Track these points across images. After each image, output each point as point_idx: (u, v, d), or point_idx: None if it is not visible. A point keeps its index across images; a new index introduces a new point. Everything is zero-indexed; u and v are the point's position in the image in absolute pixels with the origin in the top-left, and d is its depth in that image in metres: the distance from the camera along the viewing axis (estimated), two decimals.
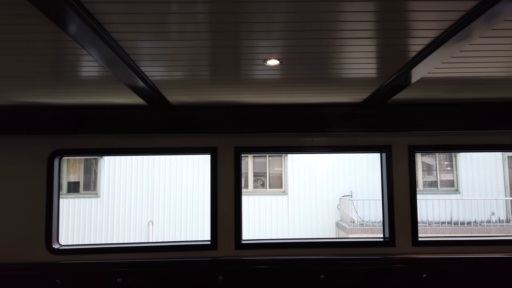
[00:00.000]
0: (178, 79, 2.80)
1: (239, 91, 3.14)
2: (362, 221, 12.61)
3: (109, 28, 1.83)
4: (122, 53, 2.12)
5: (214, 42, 2.08)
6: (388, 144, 3.88)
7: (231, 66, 2.51)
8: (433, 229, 12.05)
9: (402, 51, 2.22)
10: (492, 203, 12.84)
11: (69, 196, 13.56)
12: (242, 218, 3.88)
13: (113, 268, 3.66)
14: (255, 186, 14.17)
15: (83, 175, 13.94)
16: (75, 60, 2.38)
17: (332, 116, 3.63)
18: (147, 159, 13.54)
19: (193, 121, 3.64)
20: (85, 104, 3.52)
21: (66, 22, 1.66)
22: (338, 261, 3.75)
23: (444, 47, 2.01)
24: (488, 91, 3.23)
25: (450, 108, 3.62)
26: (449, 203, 12.58)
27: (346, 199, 13.29)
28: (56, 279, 3.60)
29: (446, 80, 2.86)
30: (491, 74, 2.71)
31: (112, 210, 13.42)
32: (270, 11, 1.71)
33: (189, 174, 13.55)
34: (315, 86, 3.01)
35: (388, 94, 3.11)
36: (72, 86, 2.95)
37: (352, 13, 1.74)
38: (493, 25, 1.77)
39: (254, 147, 3.94)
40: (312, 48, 2.17)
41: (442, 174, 13.87)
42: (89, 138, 3.81)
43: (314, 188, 13.73)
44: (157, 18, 1.76)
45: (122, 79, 2.58)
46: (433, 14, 1.74)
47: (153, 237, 13.23)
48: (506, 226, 12.34)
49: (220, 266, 3.70)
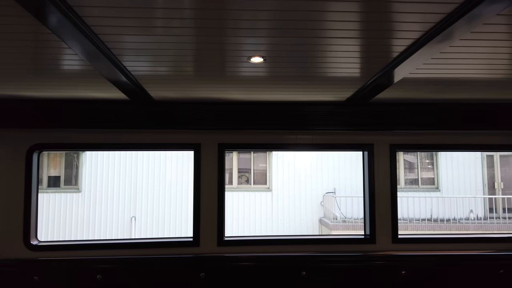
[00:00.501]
0: (162, 74, 2.77)
1: (224, 87, 3.13)
2: (344, 217, 12.75)
3: (89, 22, 1.80)
4: (103, 47, 2.08)
5: (199, 38, 2.07)
6: (370, 143, 3.93)
7: (215, 62, 2.49)
8: (414, 225, 12.28)
9: (385, 51, 2.25)
10: (471, 201, 13.16)
11: (50, 191, 13.31)
12: (226, 215, 3.88)
13: (93, 265, 3.61)
14: (239, 182, 14.17)
15: (64, 170, 13.69)
16: (56, 53, 2.33)
17: (316, 114, 3.65)
18: (130, 154, 13.38)
19: (177, 117, 3.61)
20: (66, 98, 3.45)
21: (45, 14, 1.62)
22: (319, 257, 3.78)
23: (425, 48, 2.04)
24: (468, 92, 3.30)
25: (431, 108, 3.69)
26: (430, 200, 12.84)
27: (330, 196, 13.42)
28: (34, 276, 3.53)
29: (427, 81, 2.91)
30: (470, 76, 2.77)
31: (94, 206, 13.23)
32: (255, 9, 1.70)
33: (173, 169, 13.46)
34: (299, 84, 3.02)
35: (371, 93, 3.15)
36: (52, 79, 2.89)
37: (337, 13, 1.75)
38: (472, 28, 1.81)
39: (238, 144, 3.93)
40: (296, 47, 2.17)
41: (423, 172, 14.13)
42: (69, 132, 3.74)
43: (298, 184, 13.82)
44: (140, 12, 1.73)
45: (104, 73, 2.54)
46: (415, 16, 1.77)
47: (135, 233, 13.11)
48: (484, 223, 12.65)
49: (202, 262, 3.69)
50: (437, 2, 1.63)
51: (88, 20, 1.78)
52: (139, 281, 3.64)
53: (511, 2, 1.55)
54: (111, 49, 2.17)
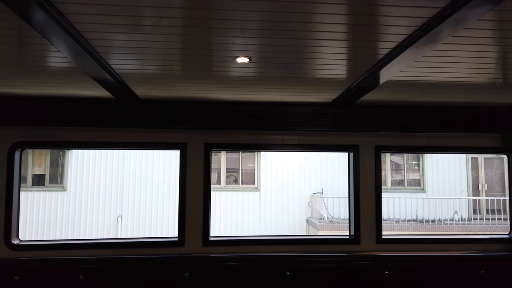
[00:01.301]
0: (146, 73, 2.75)
1: (211, 87, 3.12)
2: (331, 218, 12.82)
3: (72, 19, 1.78)
4: (86, 44, 2.06)
5: (186, 38, 2.06)
6: (356, 144, 3.96)
7: (202, 62, 2.49)
8: (400, 226, 12.40)
9: (371, 53, 2.27)
10: (455, 202, 13.36)
11: (34, 189, 13.09)
12: (212, 215, 3.87)
13: (76, 265, 3.57)
14: (227, 182, 14.14)
15: (49, 168, 13.48)
16: (38, 50, 2.29)
17: (302, 115, 3.67)
18: (117, 152, 13.23)
19: (163, 116, 3.58)
20: (49, 95, 3.40)
21: (25, 10, 1.59)
22: (304, 258, 3.80)
23: (409, 52, 2.07)
24: (452, 95, 3.35)
25: (416, 110, 3.73)
26: (415, 201, 12.99)
27: (317, 196, 13.48)
28: (15, 276, 3.47)
29: (411, 83, 2.95)
30: (453, 79, 2.81)
31: (80, 204, 13.05)
32: (243, 9, 1.71)
33: (160, 168, 13.36)
34: (286, 85, 3.03)
35: (356, 95, 3.17)
36: (35, 76, 2.85)
37: (324, 15, 1.76)
38: (454, 32, 1.84)
39: (224, 144, 3.93)
40: (282, 48, 2.18)
41: (409, 173, 14.29)
42: (53, 130, 3.69)
43: (286, 185, 13.85)
44: (124, 10, 1.71)
45: (88, 71, 2.51)
46: (399, 20, 1.79)
47: (122, 233, 12.97)
48: (468, 224, 12.86)
49: (186, 262, 3.67)
50: (420, 7, 1.65)
51: (70, 17, 1.75)
52: (122, 281, 3.60)
53: (490, 8, 1.59)
54: (95, 46, 2.14)
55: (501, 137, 4.13)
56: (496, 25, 1.87)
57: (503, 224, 12.28)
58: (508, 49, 2.22)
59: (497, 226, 12.42)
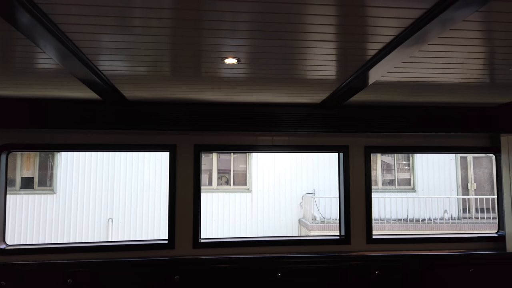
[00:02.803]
0: (134, 74, 2.72)
1: (200, 88, 3.10)
2: (323, 218, 12.86)
3: (56, 20, 1.75)
4: (72, 46, 2.03)
5: (174, 39, 2.05)
6: (346, 145, 3.98)
7: (191, 63, 2.47)
8: (390, 225, 12.49)
9: (359, 54, 2.28)
10: (445, 201, 13.49)
11: (22, 192, 12.91)
12: (203, 216, 3.86)
13: (65, 269, 3.52)
14: (219, 183, 14.10)
15: (37, 170, 13.30)
16: (23, 51, 2.25)
17: (292, 116, 3.66)
18: (107, 154, 13.11)
19: (151, 117, 3.55)
20: (36, 97, 3.35)
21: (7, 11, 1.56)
22: (295, 259, 3.80)
23: (396, 52, 2.08)
24: (441, 96, 3.38)
25: (405, 111, 3.76)
26: (406, 201, 13.09)
27: (309, 196, 13.51)
28: (2, 281, 3.41)
29: (399, 84, 2.96)
30: (441, 80, 2.83)
31: (70, 207, 12.90)
32: (232, 10, 1.70)
33: (151, 170, 13.27)
34: (275, 86, 3.02)
35: (345, 96, 3.18)
36: (21, 78, 2.80)
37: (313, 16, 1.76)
38: (440, 33, 1.85)
39: (214, 145, 3.91)
40: (271, 49, 2.18)
41: (400, 173, 14.40)
42: (40, 132, 3.64)
43: (278, 185, 13.86)
44: (111, 11, 1.69)
45: (74, 72, 2.48)
46: (386, 21, 1.80)
47: (112, 235, 12.85)
48: (458, 223, 12.99)
49: (176, 265, 3.65)
50: (407, 8, 1.66)
51: (55, 18, 1.73)
52: (111, 285, 3.56)
53: (476, 9, 1.60)
54: (81, 48, 2.11)
55: (489, 137, 4.18)
56: (481, 26, 1.89)
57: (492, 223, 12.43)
58: (494, 50, 2.24)
59: (486, 224, 12.57)
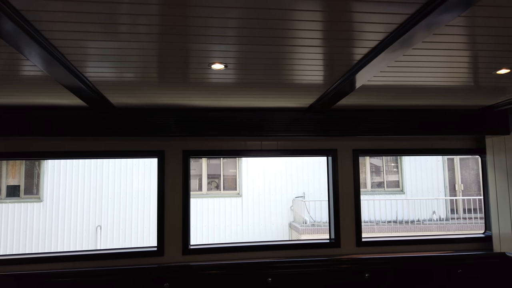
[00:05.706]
0: (121, 81, 2.70)
1: (188, 94, 3.09)
2: (314, 221, 12.88)
3: (40, 27, 1.73)
4: (56, 53, 2.01)
5: (161, 45, 2.04)
6: (334, 148, 4.00)
7: (178, 68, 2.46)
8: (380, 227, 12.56)
9: (345, 59, 2.30)
10: (433, 203, 13.64)
11: (8, 201, 12.67)
12: (194, 222, 3.83)
13: (52, 279, 3.46)
14: (209, 188, 14.02)
15: (24, 178, 13.07)
16: (7, 59, 2.22)
17: (280, 121, 3.67)
18: (94, 161, 12.96)
19: (139, 123, 3.52)
20: (21, 104, 3.30)
21: None
22: (285, 263, 3.79)
23: (381, 57, 2.10)
24: (427, 99, 3.42)
25: (392, 114, 3.80)
26: (395, 202, 13.20)
27: (299, 200, 13.52)
28: None
29: (386, 88, 2.99)
30: (426, 83, 2.87)
31: (57, 215, 12.69)
32: (220, 16, 1.70)
33: (140, 176, 13.15)
34: (263, 91, 3.03)
35: (333, 100, 3.20)
36: (5, 85, 2.75)
37: (299, 22, 1.77)
38: (423, 37, 1.87)
39: (203, 150, 3.90)
40: (258, 54, 2.18)
41: (388, 175, 14.51)
42: (25, 140, 3.58)
43: (268, 189, 13.84)
44: (97, 18, 1.68)
45: (59, 79, 2.45)
46: (371, 26, 1.82)
47: (101, 243, 12.67)
48: (446, 224, 13.13)
49: (166, 272, 3.61)
50: (391, 13, 1.68)
51: (38, 25, 1.71)
52: None
53: (458, 14, 1.63)
54: (66, 54, 2.09)
55: (474, 139, 4.24)
56: (464, 31, 1.92)
57: (479, 223, 12.60)
58: (478, 54, 2.28)
59: (474, 224, 12.73)
